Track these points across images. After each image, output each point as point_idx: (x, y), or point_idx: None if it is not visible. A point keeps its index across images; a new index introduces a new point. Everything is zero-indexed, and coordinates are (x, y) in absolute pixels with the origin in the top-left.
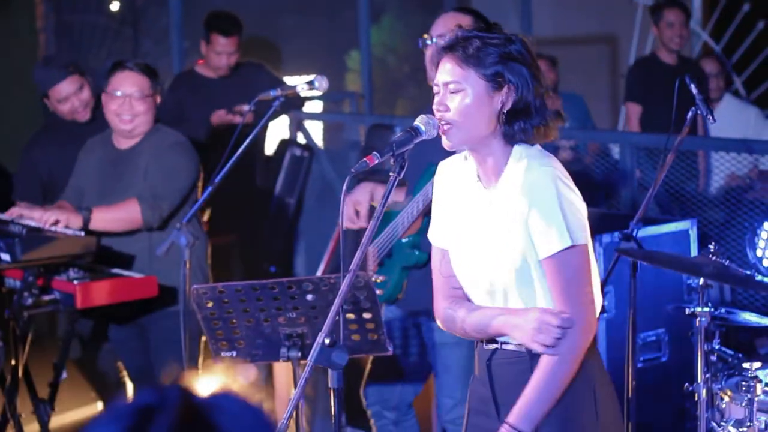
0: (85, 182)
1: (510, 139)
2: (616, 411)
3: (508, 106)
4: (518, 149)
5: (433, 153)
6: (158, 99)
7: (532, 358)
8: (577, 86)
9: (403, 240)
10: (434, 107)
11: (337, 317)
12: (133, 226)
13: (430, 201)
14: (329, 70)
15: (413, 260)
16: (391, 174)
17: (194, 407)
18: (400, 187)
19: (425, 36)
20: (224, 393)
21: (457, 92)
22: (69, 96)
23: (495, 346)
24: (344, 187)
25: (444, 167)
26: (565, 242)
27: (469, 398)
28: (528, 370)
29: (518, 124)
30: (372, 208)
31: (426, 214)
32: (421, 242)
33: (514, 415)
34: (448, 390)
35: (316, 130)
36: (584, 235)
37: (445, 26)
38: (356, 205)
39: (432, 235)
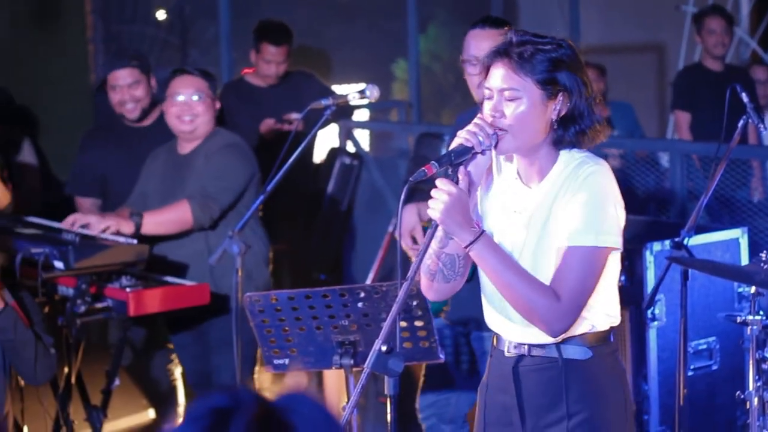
0: (149, 187)
1: (559, 144)
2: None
3: (563, 112)
4: (567, 151)
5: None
6: (217, 103)
7: (565, 363)
8: (624, 95)
9: None
10: (488, 112)
11: (394, 324)
12: (184, 227)
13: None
14: (376, 79)
15: None
16: None
17: (269, 408)
18: None
19: (462, 60)
20: (297, 394)
21: (512, 99)
22: (122, 86)
23: (520, 352)
24: (402, 197)
25: (483, 161)
26: (594, 241)
27: (484, 409)
28: (560, 375)
29: (571, 130)
30: (425, 229)
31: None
32: None
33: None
34: None
35: (364, 138)
36: (612, 240)
37: (477, 45)
38: (411, 232)
39: None
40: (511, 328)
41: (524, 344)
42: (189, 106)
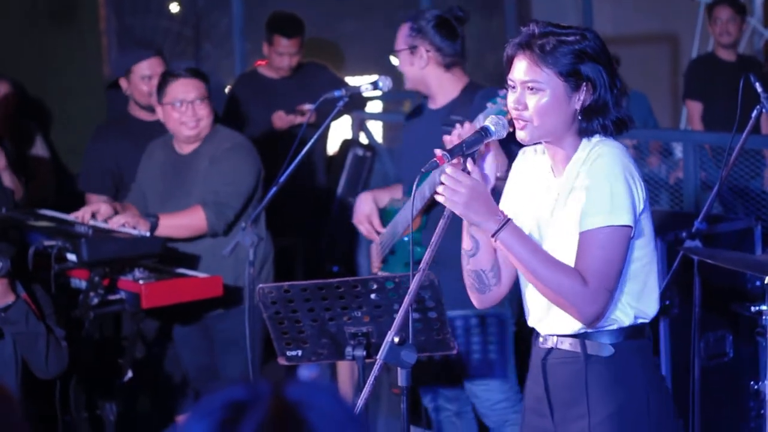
0: (148, 187)
1: (585, 134)
2: (670, 417)
3: (586, 103)
4: (587, 139)
5: (428, 153)
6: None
7: (588, 358)
8: (637, 85)
9: (405, 238)
10: (511, 105)
11: (407, 315)
12: (198, 232)
13: (428, 199)
14: (389, 71)
15: (416, 257)
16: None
17: (285, 403)
18: (396, 184)
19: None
20: (315, 388)
21: (535, 91)
22: (153, 76)
23: (550, 345)
24: (415, 186)
25: (521, 156)
26: (605, 221)
27: (525, 397)
28: (582, 370)
29: (595, 121)
30: (381, 211)
31: (425, 212)
32: (422, 239)
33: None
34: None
35: (376, 129)
36: (625, 217)
37: (396, 41)
38: (368, 218)
39: None
40: (541, 318)
41: (553, 335)
42: (192, 111)
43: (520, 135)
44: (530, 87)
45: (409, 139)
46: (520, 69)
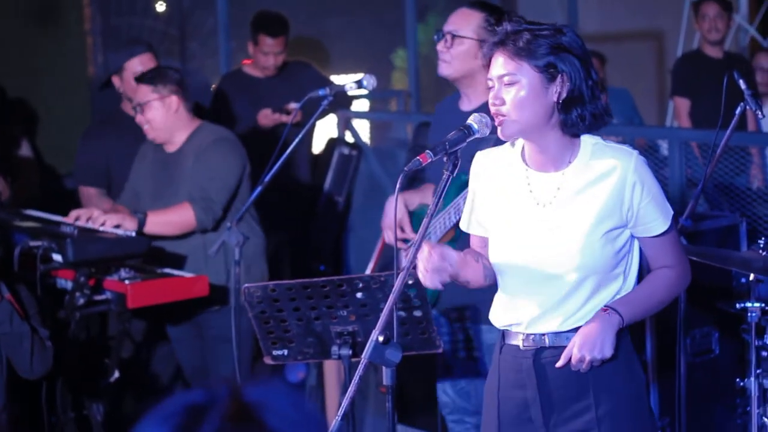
0: (141, 187)
1: (568, 128)
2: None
3: (563, 95)
4: (589, 139)
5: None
6: (174, 99)
7: None
8: (623, 82)
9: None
10: (490, 101)
11: (391, 314)
12: (187, 229)
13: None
14: (375, 69)
15: None
16: (444, 171)
17: (244, 406)
18: (427, 185)
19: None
20: (274, 392)
21: (511, 84)
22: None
23: (538, 345)
24: (398, 186)
25: (481, 157)
26: (669, 220)
27: (498, 408)
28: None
29: (574, 113)
30: (411, 214)
31: (458, 225)
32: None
33: (617, 302)
34: None
35: (362, 128)
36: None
37: (456, 22)
38: (399, 223)
39: (470, 225)
40: (536, 318)
41: (545, 335)
42: (142, 116)
43: (500, 132)
44: (506, 82)
45: (439, 135)
46: (497, 65)
